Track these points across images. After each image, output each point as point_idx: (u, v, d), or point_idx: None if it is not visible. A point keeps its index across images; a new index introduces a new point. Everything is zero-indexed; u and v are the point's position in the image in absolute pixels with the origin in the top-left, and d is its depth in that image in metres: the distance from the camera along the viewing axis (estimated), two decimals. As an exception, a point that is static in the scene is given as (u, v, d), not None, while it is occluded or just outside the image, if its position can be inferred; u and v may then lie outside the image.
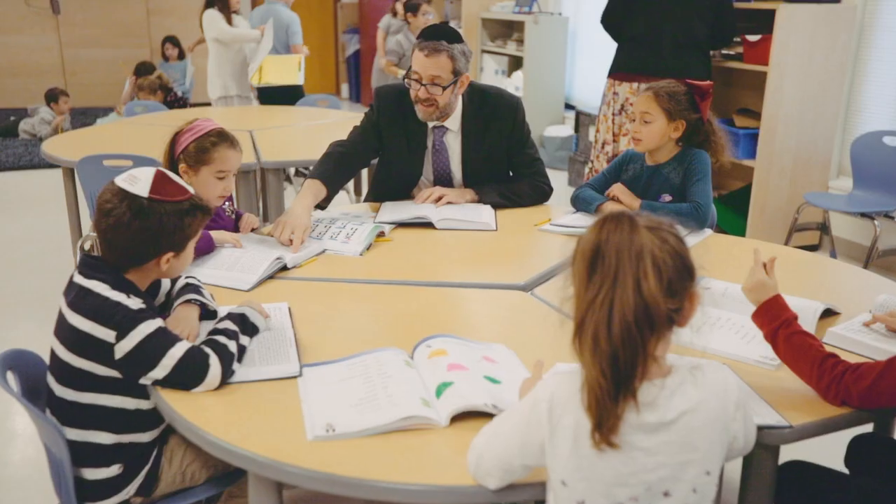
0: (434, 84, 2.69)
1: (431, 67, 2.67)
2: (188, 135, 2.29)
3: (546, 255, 2.49)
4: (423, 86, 2.70)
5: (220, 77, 6.10)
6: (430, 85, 2.69)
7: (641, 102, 2.66)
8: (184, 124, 2.34)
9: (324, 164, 2.77)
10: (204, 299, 1.84)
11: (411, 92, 2.75)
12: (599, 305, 1.17)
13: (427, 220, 2.64)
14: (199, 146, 2.27)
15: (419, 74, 2.70)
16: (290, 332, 1.82)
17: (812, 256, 2.58)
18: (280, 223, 2.43)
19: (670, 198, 2.69)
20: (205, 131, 2.29)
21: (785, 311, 1.62)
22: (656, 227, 1.21)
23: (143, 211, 1.62)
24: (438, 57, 2.66)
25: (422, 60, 2.68)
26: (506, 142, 2.89)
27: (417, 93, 2.72)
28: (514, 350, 1.76)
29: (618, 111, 4.59)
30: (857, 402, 1.49)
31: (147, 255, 1.65)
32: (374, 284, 2.19)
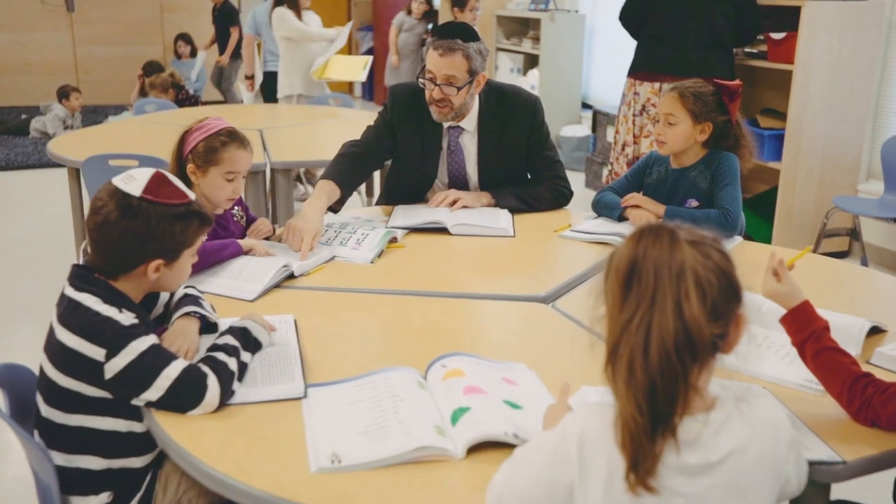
0: (449, 84, 2.57)
1: (446, 67, 2.56)
2: (197, 134, 2.19)
3: (567, 263, 2.37)
4: (437, 86, 2.58)
5: (287, 76, 5.93)
6: (445, 85, 2.57)
7: (666, 103, 2.53)
8: (193, 123, 2.23)
9: (338, 164, 2.65)
10: (204, 311, 1.72)
11: (426, 92, 2.63)
12: (635, 329, 1.04)
13: (441, 225, 2.52)
14: (208, 146, 2.16)
15: (433, 74, 2.59)
16: (295, 347, 1.70)
17: (842, 265, 2.44)
18: (290, 227, 2.32)
19: (697, 203, 2.56)
20: (214, 130, 2.18)
21: (812, 321, 1.49)
22: (699, 241, 1.09)
23: (131, 210, 1.51)
24: (453, 56, 2.54)
25: (436, 60, 2.56)
26: (524, 143, 2.77)
27: (432, 93, 2.61)
28: (535, 370, 1.64)
29: (639, 112, 4.46)
30: (886, 424, 1.37)
31: (133, 259, 1.54)
32: (385, 295, 2.07)
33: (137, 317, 1.51)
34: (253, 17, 6.06)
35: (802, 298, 1.51)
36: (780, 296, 1.52)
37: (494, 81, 2.78)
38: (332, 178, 2.56)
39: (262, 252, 2.21)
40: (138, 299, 1.59)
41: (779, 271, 1.54)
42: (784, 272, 1.54)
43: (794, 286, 1.52)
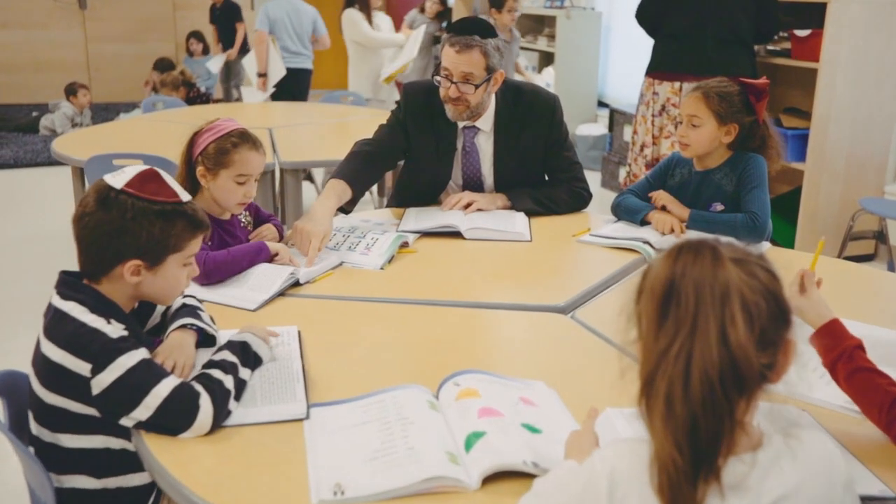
0: (466, 82, 2.47)
1: (463, 64, 2.45)
2: (208, 135, 2.09)
3: (587, 270, 2.25)
4: (453, 83, 2.47)
5: (356, 79, 5.85)
6: (462, 83, 2.46)
7: (689, 104, 2.40)
8: (204, 124, 2.13)
9: (349, 163, 2.54)
10: (201, 323, 1.62)
11: (441, 90, 2.52)
12: (674, 359, 0.93)
13: (455, 229, 2.41)
14: (218, 147, 2.07)
15: (449, 71, 2.48)
16: (298, 362, 1.59)
17: (869, 270, 2.32)
18: (298, 229, 2.21)
19: (722, 207, 2.44)
20: (225, 131, 2.09)
21: (843, 339, 1.38)
22: (744, 258, 0.97)
23: (107, 202, 1.41)
24: (471, 53, 2.43)
25: (452, 56, 2.46)
26: (542, 143, 2.65)
27: (448, 91, 2.50)
28: (555, 388, 1.52)
29: (658, 112, 4.33)
30: None
31: (108, 257, 1.43)
32: (395, 304, 1.96)
33: (127, 328, 1.41)
34: (266, 13, 5.95)
35: (831, 316, 1.40)
36: (806, 313, 1.41)
37: (511, 79, 2.67)
38: (342, 177, 2.45)
39: (286, 258, 2.11)
40: (128, 308, 1.49)
41: (805, 285, 1.42)
42: (811, 286, 1.43)
43: (821, 302, 1.42)
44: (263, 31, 5.87)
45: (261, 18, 5.95)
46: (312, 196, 5.38)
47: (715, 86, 2.40)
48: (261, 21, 5.92)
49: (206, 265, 1.93)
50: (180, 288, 1.53)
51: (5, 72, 9.19)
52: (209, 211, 2.12)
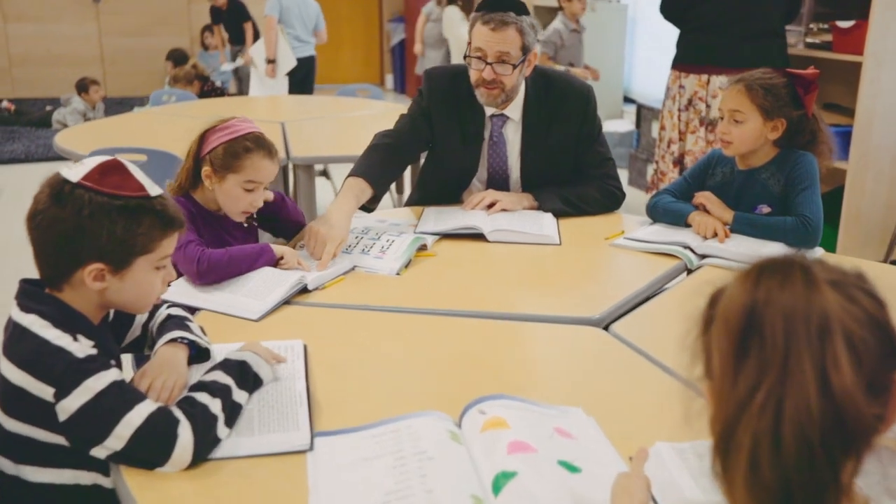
0: (502, 62, 2.28)
1: (499, 43, 2.26)
2: (220, 134, 1.92)
3: (622, 278, 2.05)
4: (488, 64, 2.28)
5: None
6: (497, 63, 2.27)
7: (731, 98, 2.20)
8: (217, 121, 1.96)
9: (368, 158, 2.35)
10: (193, 336, 1.44)
11: (472, 73, 2.33)
12: (759, 410, 0.73)
13: (477, 231, 2.21)
14: (229, 150, 1.90)
15: (483, 52, 2.28)
16: (303, 382, 1.41)
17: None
18: (312, 232, 2.03)
19: (769, 209, 2.23)
20: (239, 133, 1.92)
21: None
22: (841, 280, 0.77)
23: (62, 197, 1.23)
24: (506, 30, 2.24)
25: (487, 35, 2.26)
26: (573, 136, 2.46)
27: (482, 73, 2.31)
28: (593, 415, 1.33)
29: (684, 106, 4.11)
30: None
31: (65, 260, 1.25)
32: (412, 314, 1.77)
33: (97, 345, 1.23)
34: (279, 1, 5.80)
35: None
36: None
37: (542, 66, 2.48)
38: (362, 174, 2.26)
39: (292, 263, 1.92)
40: (98, 319, 1.31)
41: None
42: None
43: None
44: (274, 16, 5.74)
45: (271, 4, 5.80)
46: (329, 194, 5.20)
47: (759, 77, 2.19)
48: (271, 6, 5.78)
49: (199, 264, 1.76)
50: (154, 294, 1.34)
51: (19, 65, 9.09)
52: (205, 205, 1.95)
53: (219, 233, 1.95)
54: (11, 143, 6.96)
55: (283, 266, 1.89)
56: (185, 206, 1.89)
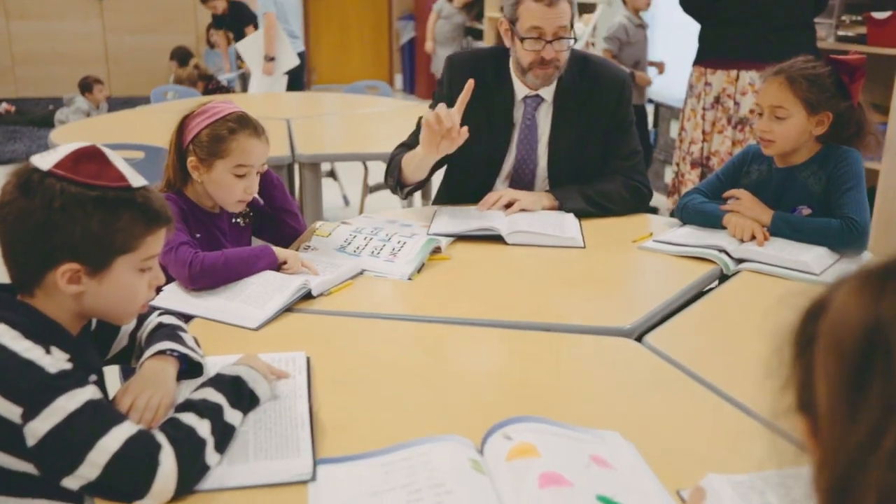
0: (560, 38, 2.16)
1: (558, 17, 2.14)
2: (200, 119, 1.77)
3: (654, 284, 1.90)
4: (548, 43, 2.15)
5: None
6: (556, 40, 2.16)
7: (771, 92, 2.03)
8: (195, 107, 1.81)
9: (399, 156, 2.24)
10: (184, 348, 1.28)
11: (525, 55, 2.19)
12: (888, 458, 0.57)
13: (495, 233, 2.06)
14: (213, 134, 1.75)
15: (542, 30, 2.15)
16: (305, 401, 1.26)
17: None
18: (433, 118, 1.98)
19: (809, 211, 2.07)
20: (221, 115, 1.76)
21: None
22: None
23: (31, 188, 1.08)
24: (561, 4, 2.13)
25: (544, 12, 2.13)
26: (604, 123, 2.31)
27: (540, 54, 2.18)
28: (632, 440, 1.17)
29: (710, 105, 3.94)
30: None
31: (35, 259, 1.10)
32: (426, 323, 1.61)
33: (74, 358, 1.08)
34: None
35: None
36: None
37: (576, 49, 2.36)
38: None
39: (295, 267, 1.76)
40: (76, 329, 1.16)
41: None
42: None
43: None
44: (273, 12, 5.57)
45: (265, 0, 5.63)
46: (335, 195, 5.05)
47: (801, 67, 2.03)
48: (266, 2, 5.60)
49: (192, 267, 1.60)
50: (138, 300, 1.18)
51: (22, 64, 8.96)
52: (199, 202, 1.79)
53: (214, 233, 1.80)
54: (13, 143, 6.84)
55: (286, 270, 1.74)
56: (177, 204, 1.74)
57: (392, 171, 2.27)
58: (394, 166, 2.26)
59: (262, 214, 1.96)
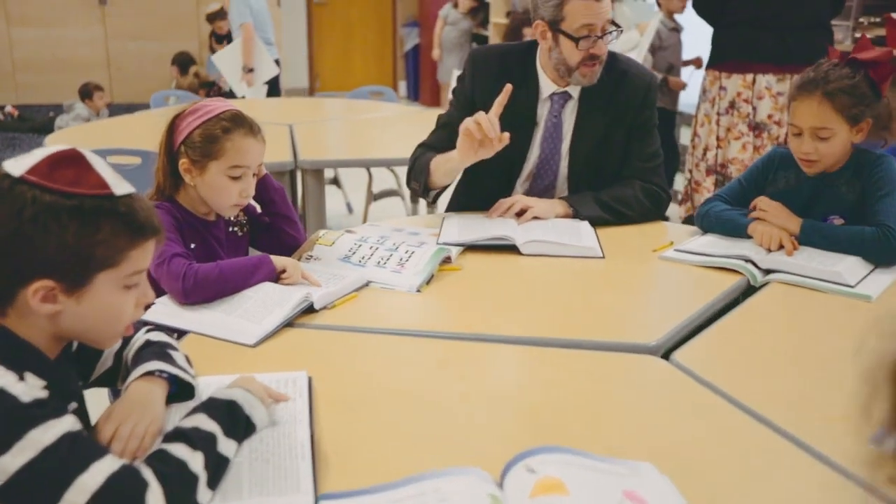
0: (608, 32, 2.11)
1: (605, 12, 2.08)
2: (192, 118, 1.66)
3: (677, 296, 1.78)
4: (599, 38, 2.09)
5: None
6: (607, 35, 2.11)
7: (810, 113, 1.88)
8: (186, 106, 1.71)
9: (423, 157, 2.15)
10: (174, 368, 1.17)
11: (575, 54, 2.10)
12: None
13: (508, 242, 1.95)
14: (206, 134, 1.64)
15: (593, 25, 2.08)
16: (305, 427, 1.14)
17: None
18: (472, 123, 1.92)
19: (842, 221, 1.96)
20: (214, 114, 1.66)
21: None
22: None
23: (1, 195, 0.96)
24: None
25: (594, 6, 2.07)
26: (627, 124, 2.22)
27: (592, 49, 2.11)
28: (668, 473, 1.06)
29: (725, 110, 3.83)
30: None
31: (4, 275, 0.98)
32: (438, 339, 1.50)
33: (50, 385, 0.96)
34: (248, 4, 5.53)
35: None
36: None
37: None
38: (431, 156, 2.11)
39: (296, 277, 1.65)
40: (55, 352, 1.05)
41: None
42: None
43: None
44: (250, 22, 5.46)
45: (241, 9, 5.51)
46: (339, 202, 4.95)
47: (836, 80, 1.88)
48: (243, 12, 5.49)
49: (185, 280, 1.49)
50: (122, 321, 1.06)
51: (24, 70, 8.87)
52: (193, 209, 1.68)
53: (209, 242, 1.69)
54: (12, 150, 6.75)
55: (285, 281, 1.63)
56: (170, 212, 1.63)
57: (417, 174, 2.16)
58: (419, 169, 2.16)
59: (259, 223, 1.85)
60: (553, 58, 2.15)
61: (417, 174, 2.17)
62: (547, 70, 2.20)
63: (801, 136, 1.92)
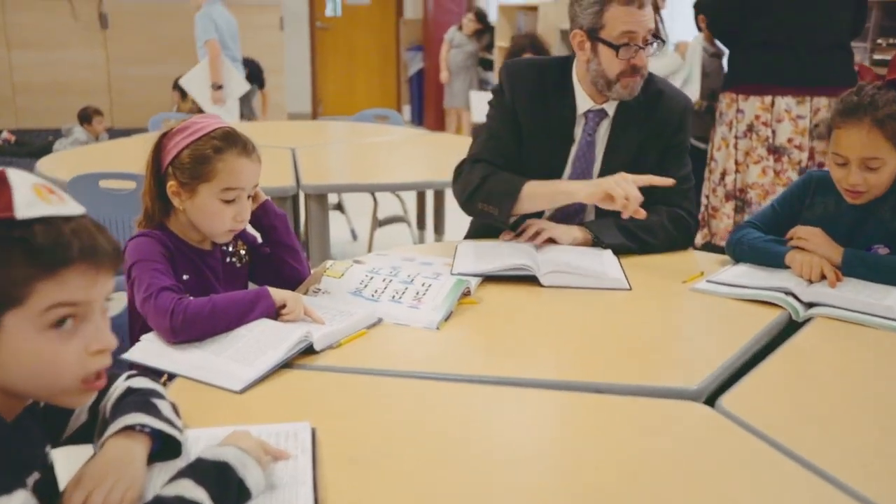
0: (650, 43, 1.99)
1: (648, 21, 1.97)
2: (180, 137, 1.53)
3: (716, 334, 1.63)
4: (640, 49, 1.98)
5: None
6: (646, 46, 2.00)
7: (859, 142, 1.74)
8: (174, 124, 1.57)
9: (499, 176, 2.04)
10: (158, 422, 1.02)
11: (616, 63, 1.98)
12: None
13: (527, 273, 1.80)
14: (195, 154, 1.50)
15: (635, 34, 1.96)
16: (309, 491, 0.99)
17: None
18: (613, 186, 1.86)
19: (887, 251, 1.81)
20: (204, 132, 1.52)
21: None
22: None
23: None
24: (648, 6, 1.97)
25: (635, 15, 1.95)
26: (659, 146, 2.10)
27: (632, 60, 1.99)
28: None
29: (743, 133, 3.70)
30: None
31: None
32: (461, 384, 1.35)
33: (3, 453, 0.81)
34: (211, 19, 5.44)
35: None
36: None
37: None
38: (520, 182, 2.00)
39: (297, 313, 1.48)
40: (12, 412, 0.89)
41: None
42: None
43: None
44: (215, 38, 5.41)
45: (206, 26, 5.45)
46: (342, 228, 4.81)
47: (885, 106, 1.73)
48: (207, 29, 5.44)
49: (173, 317, 1.34)
50: (64, 372, 0.88)
51: (24, 94, 8.78)
52: (185, 236, 1.54)
53: (204, 274, 1.54)
54: (9, 175, 6.63)
55: (285, 316, 1.47)
56: (160, 241, 1.49)
57: (499, 197, 2.00)
58: (501, 192, 2.00)
59: (260, 253, 1.70)
60: (591, 70, 2.02)
61: (499, 197, 2.00)
62: (584, 84, 2.08)
63: (846, 166, 1.78)
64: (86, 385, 0.89)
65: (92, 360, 0.89)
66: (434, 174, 3.18)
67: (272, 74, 8.73)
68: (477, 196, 2.04)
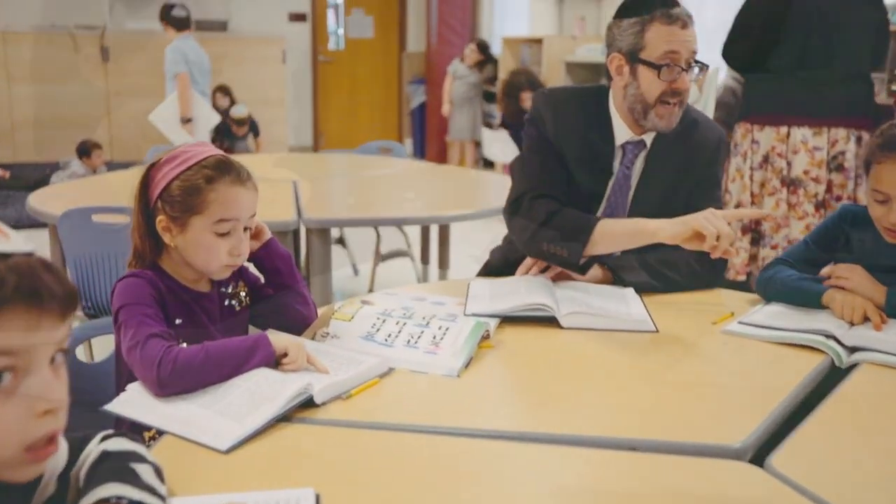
0: (692, 66, 1.89)
1: (692, 41, 1.87)
2: (168, 167, 1.40)
3: (756, 383, 1.49)
4: (684, 71, 1.87)
5: None
6: (689, 69, 1.89)
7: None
8: (163, 153, 1.45)
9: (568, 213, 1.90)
10: (138, 492, 0.89)
11: (655, 89, 1.87)
12: None
13: (546, 314, 1.67)
14: (185, 185, 1.38)
15: (677, 54, 1.85)
16: (313, 575, 0.86)
17: None
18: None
19: (928, 291, 1.69)
20: (194, 161, 1.40)
21: None
22: None
23: None
24: (692, 27, 1.87)
25: (679, 34, 1.85)
26: (692, 179, 2.00)
27: (673, 84, 1.87)
28: None
29: (758, 164, 3.59)
30: None
31: None
32: (479, 439, 1.21)
33: None
34: (182, 53, 5.40)
35: None
36: None
37: None
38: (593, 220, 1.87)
39: (300, 363, 1.34)
40: None
41: None
42: None
43: None
44: (186, 72, 5.37)
45: (176, 59, 5.41)
46: (344, 264, 4.68)
47: None
48: (178, 62, 5.40)
49: (161, 367, 1.21)
50: (2, 442, 0.75)
51: (23, 128, 8.70)
52: (177, 277, 1.41)
53: (199, 318, 1.41)
54: (4, 209, 6.54)
55: (287, 366, 1.34)
56: (150, 282, 1.36)
57: (571, 238, 1.84)
58: (571, 231, 1.85)
59: (261, 296, 1.57)
60: (629, 95, 1.91)
61: (569, 237, 1.84)
62: (621, 112, 1.97)
63: (888, 204, 1.66)
64: (31, 455, 0.76)
65: (38, 424, 0.76)
66: (440, 208, 3.07)
67: (274, 107, 8.67)
68: (542, 236, 1.87)
